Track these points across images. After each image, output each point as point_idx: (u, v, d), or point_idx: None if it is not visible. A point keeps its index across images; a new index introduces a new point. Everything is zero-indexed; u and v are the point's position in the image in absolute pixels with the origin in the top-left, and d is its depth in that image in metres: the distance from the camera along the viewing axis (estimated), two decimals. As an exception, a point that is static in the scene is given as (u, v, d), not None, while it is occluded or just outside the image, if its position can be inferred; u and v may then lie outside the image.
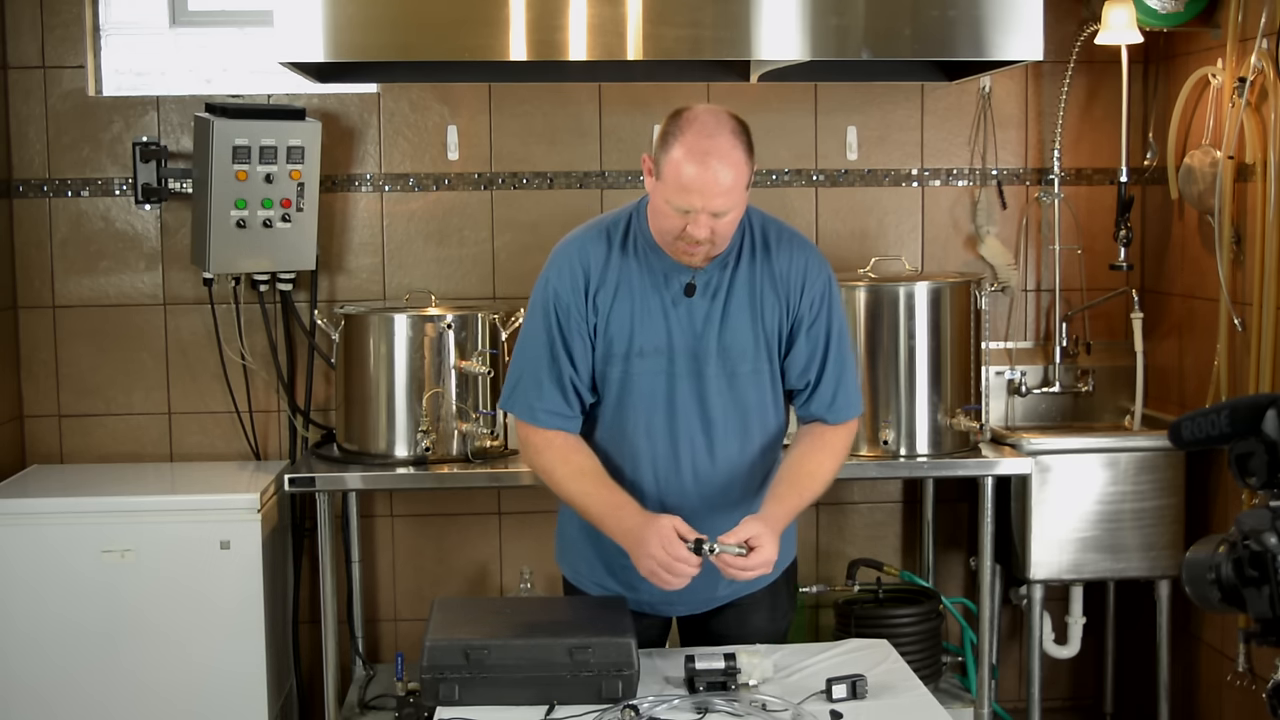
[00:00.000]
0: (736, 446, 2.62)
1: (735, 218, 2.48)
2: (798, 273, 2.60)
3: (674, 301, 2.56)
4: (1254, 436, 1.54)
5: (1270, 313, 3.55)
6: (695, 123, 2.45)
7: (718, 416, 2.59)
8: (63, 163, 4.09)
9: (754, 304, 2.58)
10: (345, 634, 4.08)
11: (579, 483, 2.58)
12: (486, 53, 3.38)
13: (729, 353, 2.57)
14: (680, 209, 2.43)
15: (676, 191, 2.42)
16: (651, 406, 2.58)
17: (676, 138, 2.44)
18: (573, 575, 2.80)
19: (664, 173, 2.45)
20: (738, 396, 2.59)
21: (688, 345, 2.57)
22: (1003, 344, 4.33)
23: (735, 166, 2.43)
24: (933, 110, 4.29)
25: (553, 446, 2.61)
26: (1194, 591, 1.58)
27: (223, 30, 4.24)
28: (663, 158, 2.45)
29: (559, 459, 2.60)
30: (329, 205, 4.13)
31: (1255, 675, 3.72)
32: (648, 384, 2.58)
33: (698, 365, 2.57)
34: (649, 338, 2.56)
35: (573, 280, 2.57)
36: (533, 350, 2.61)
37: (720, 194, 2.41)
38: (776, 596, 2.78)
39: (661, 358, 2.57)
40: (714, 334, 2.57)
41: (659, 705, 2.32)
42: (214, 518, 3.68)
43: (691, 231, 2.43)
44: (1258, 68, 3.58)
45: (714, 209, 2.42)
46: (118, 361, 4.15)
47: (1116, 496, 3.89)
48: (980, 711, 3.84)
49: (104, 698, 3.66)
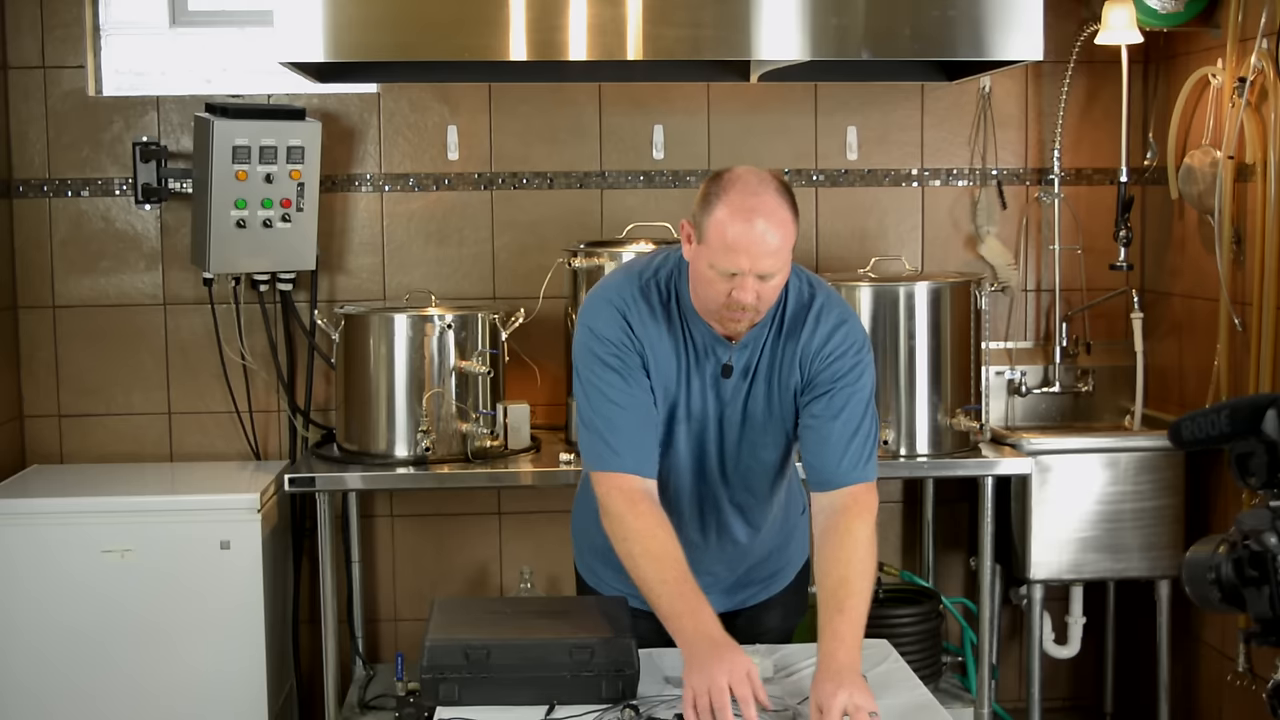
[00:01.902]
0: (755, 496, 2.59)
1: (781, 282, 2.35)
2: (818, 346, 2.47)
3: (712, 381, 2.48)
4: (1254, 436, 1.54)
5: (1270, 313, 3.55)
6: (739, 182, 2.32)
7: (737, 475, 2.55)
8: (63, 163, 4.09)
9: (779, 374, 2.48)
10: (345, 634, 4.08)
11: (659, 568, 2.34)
12: (486, 53, 3.38)
13: (754, 422, 2.51)
14: (726, 272, 2.30)
15: (722, 253, 2.29)
16: (676, 460, 2.53)
17: (719, 197, 2.31)
18: (593, 579, 2.76)
19: (707, 235, 2.31)
20: (760, 459, 2.55)
21: (718, 414, 2.50)
22: (1003, 344, 4.33)
23: (782, 225, 2.30)
24: (933, 110, 4.29)
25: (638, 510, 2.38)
26: (1194, 591, 1.58)
27: (223, 30, 4.24)
28: (705, 220, 2.31)
29: (645, 529, 2.37)
30: (329, 205, 4.13)
31: (1255, 675, 3.72)
32: (675, 442, 2.51)
33: (721, 430, 2.51)
34: (682, 403, 2.48)
35: (618, 323, 2.43)
36: (595, 404, 2.42)
37: (768, 254, 2.28)
38: (789, 599, 2.78)
39: (692, 421, 2.50)
40: (741, 404, 2.50)
41: (659, 705, 2.32)
42: (214, 518, 3.68)
43: (738, 297, 2.30)
44: (1258, 68, 3.58)
45: (761, 270, 2.29)
46: (118, 361, 4.15)
47: (1116, 496, 3.89)
48: (980, 711, 3.84)
49: (104, 697, 3.66)
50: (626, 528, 2.37)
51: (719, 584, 2.63)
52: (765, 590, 2.75)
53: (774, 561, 2.72)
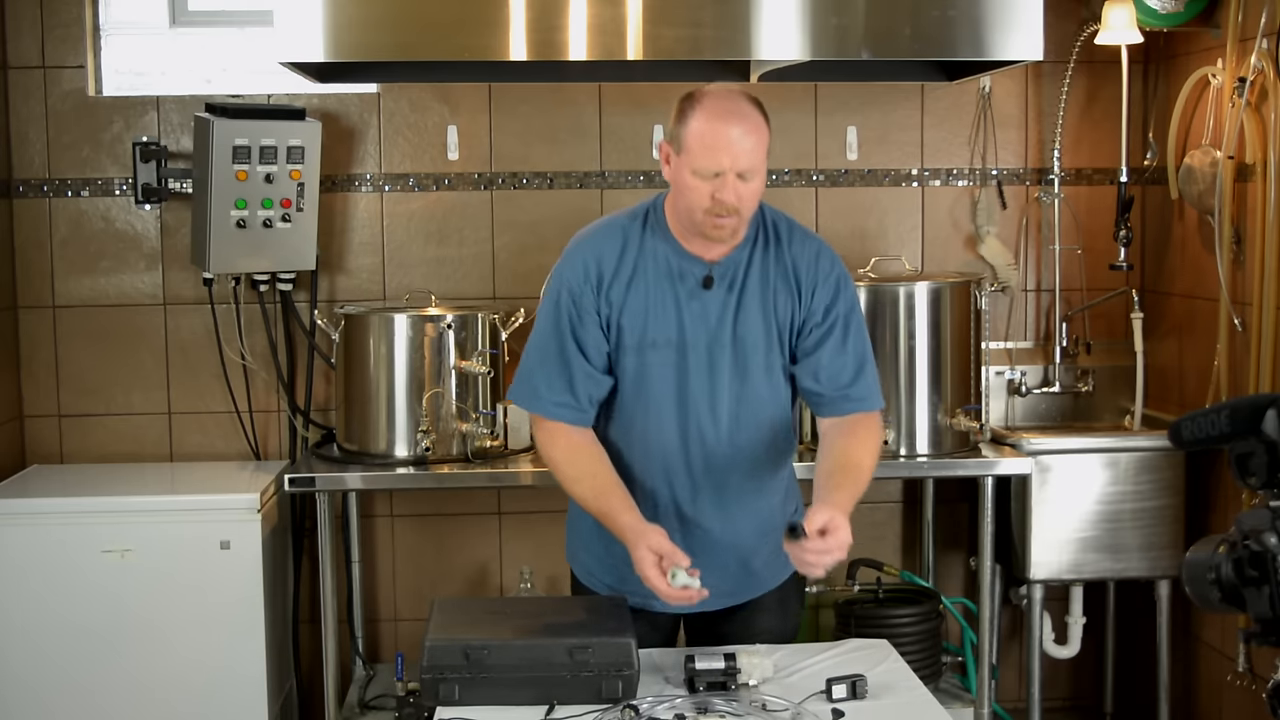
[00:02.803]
0: (747, 441, 2.62)
1: (759, 187, 2.48)
2: (808, 265, 2.60)
3: (690, 295, 2.56)
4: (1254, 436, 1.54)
5: (1270, 313, 3.55)
6: (711, 93, 2.49)
7: (728, 408, 2.59)
8: (63, 163, 4.09)
9: (766, 295, 2.58)
10: (345, 634, 4.08)
11: (580, 485, 2.58)
12: (486, 53, 3.38)
13: (743, 345, 2.58)
14: (708, 173, 2.43)
15: (703, 155, 2.43)
16: (663, 397, 2.58)
17: (695, 109, 2.46)
18: (584, 575, 2.78)
19: (687, 143, 2.45)
20: (749, 389, 2.59)
21: (701, 338, 2.57)
22: (1003, 344, 4.33)
23: (758, 127, 2.46)
24: (933, 110, 4.29)
25: (556, 444, 2.61)
26: (1194, 591, 1.58)
27: (223, 30, 4.24)
28: (682, 131, 2.47)
29: (564, 458, 2.60)
30: (329, 205, 4.13)
31: (1255, 675, 3.72)
32: (659, 375, 2.58)
33: (710, 357, 2.57)
34: (661, 330, 2.56)
35: (585, 272, 2.57)
36: (542, 342, 2.61)
37: (746, 152, 2.43)
38: (787, 597, 2.78)
39: (672, 350, 2.57)
40: (729, 327, 2.57)
41: (659, 705, 2.32)
42: (214, 518, 3.68)
43: (721, 197, 2.43)
44: (1258, 68, 3.58)
45: (741, 168, 2.43)
46: (118, 361, 4.15)
47: (1116, 496, 3.89)
48: (980, 711, 3.84)
49: (104, 698, 3.66)
50: (552, 454, 2.61)
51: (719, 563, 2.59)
52: (765, 579, 2.72)
53: (749, 492, 2.67)
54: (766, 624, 2.74)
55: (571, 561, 2.84)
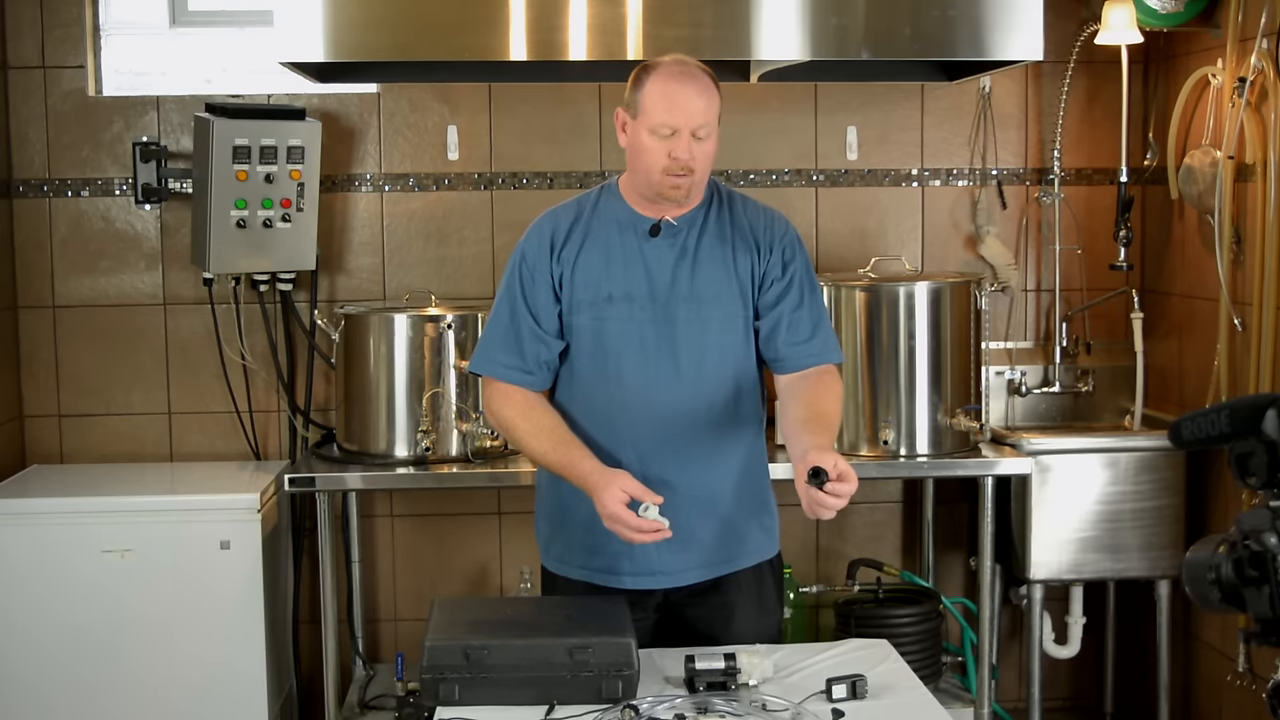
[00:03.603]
0: (709, 392, 2.63)
1: (712, 149, 2.58)
2: (765, 224, 2.69)
3: (640, 245, 2.63)
4: (1254, 436, 1.54)
5: (1270, 313, 3.55)
6: (664, 63, 2.59)
7: (689, 362, 2.61)
8: (63, 163, 4.09)
9: (726, 249, 2.65)
10: (345, 634, 4.08)
11: (538, 439, 2.60)
12: (486, 53, 3.39)
13: (701, 297, 2.62)
14: (665, 130, 2.53)
15: (658, 114, 2.53)
16: (621, 354, 2.62)
17: (650, 75, 2.57)
18: (557, 565, 2.77)
19: (643, 106, 2.56)
20: (710, 341, 2.63)
21: (657, 291, 2.61)
22: (1003, 344, 4.33)
23: (709, 89, 2.57)
24: (933, 110, 4.29)
25: (511, 401, 2.65)
26: (1194, 591, 1.58)
27: (223, 30, 4.24)
28: (638, 96, 2.57)
29: (519, 414, 2.64)
30: (329, 205, 4.13)
31: (1255, 675, 3.72)
32: (616, 331, 2.62)
33: (668, 311, 2.61)
34: (616, 284, 2.62)
35: (539, 241, 2.67)
36: (496, 310, 2.69)
37: (700, 110, 2.53)
38: (763, 586, 2.76)
39: (630, 304, 2.61)
40: (685, 278, 2.62)
41: (659, 705, 2.32)
42: (214, 518, 3.68)
43: (676, 155, 2.52)
44: (1258, 68, 3.58)
45: (695, 124, 2.53)
46: (118, 361, 4.15)
47: (1116, 496, 3.89)
48: (980, 711, 3.84)
49: (104, 697, 3.66)
50: (505, 414, 2.64)
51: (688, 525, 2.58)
52: (738, 553, 2.71)
53: (713, 446, 2.67)
54: (746, 616, 2.72)
55: (545, 558, 2.81)
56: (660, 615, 2.74)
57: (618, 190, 2.70)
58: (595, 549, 2.68)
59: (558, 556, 2.77)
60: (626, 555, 2.64)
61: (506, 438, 2.70)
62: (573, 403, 2.68)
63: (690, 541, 2.63)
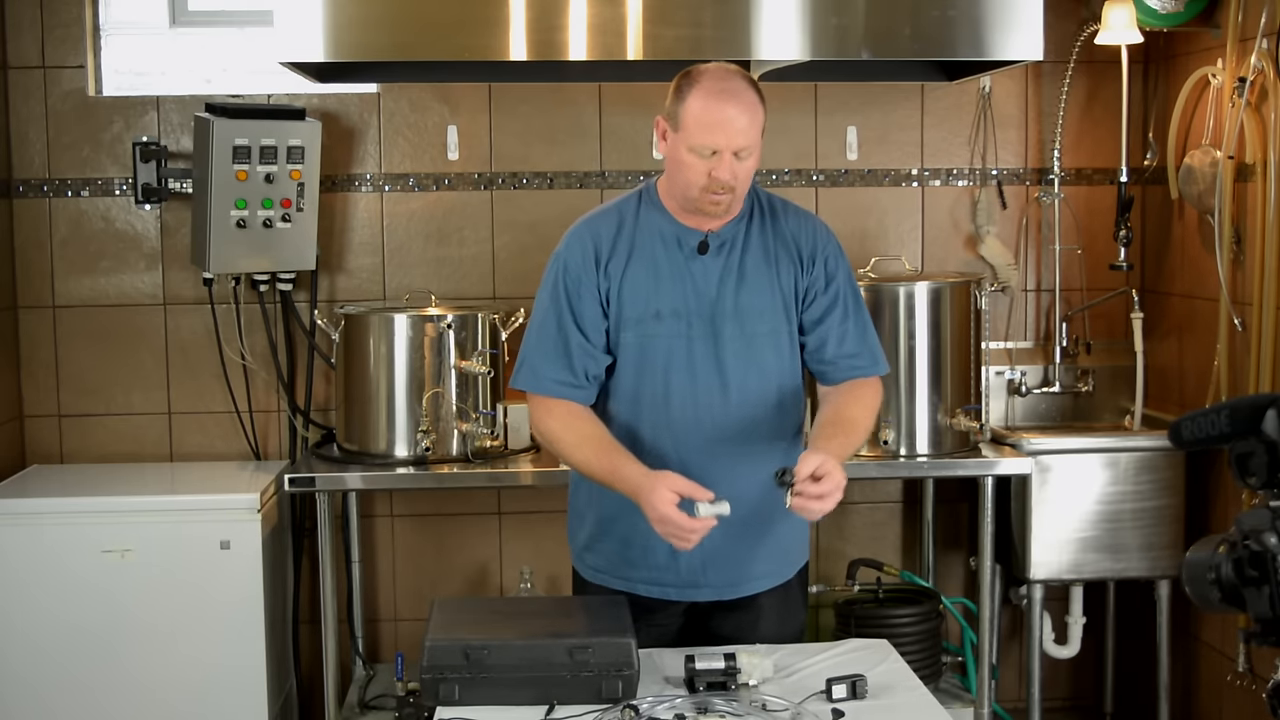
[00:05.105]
0: (755, 409, 2.61)
1: (754, 165, 2.54)
2: (808, 235, 2.65)
3: (688, 262, 2.59)
4: (1254, 436, 1.54)
5: (1270, 313, 3.55)
6: (708, 72, 2.52)
7: (735, 378, 2.59)
8: (63, 163, 4.09)
9: (770, 263, 2.61)
10: (345, 634, 4.08)
11: (580, 450, 2.57)
12: (486, 53, 3.38)
13: (746, 313, 2.59)
14: (705, 150, 2.48)
15: (699, 133, 2.47)
16: (669, 370, 2.59)
17: (692, 87, 2.50)
18: (591, 574, 2.75)
19: (684, 121, 2.50)
20: (755, 358, 2.60)
21: (704, 308, 2.58)
22: (1003, 344, 4.33)
23: (753, 107, 2.51)
24: (933, 110, 4.29)
25: (554, 414, 2.61)
26: (1194, 591, 1.58)
27: (223, 30, 4.24)
28: (680, 109, 2.50)
29: (563, 426, 2.60)
30: (329, 205, 4.13)
31: (1255, 675, 3.72)
32: (664, 348, 2.59)
33: (714, 327, 2.59)
34: (665, 300, 2.58)
35: (583, 253, 2.61)
36: (540, 323, 2.63)
37: (741, 131, 2.47)
38: (790, 596, 2.77)
39: (679, 321, 2.58)
40: (730, 294, 2.59)
41: (659, 705, 2.32)
42: (214, 518, 3.68)
43: (717, 175, 2.48)
44: (1258, 68, 3.58)
45: (737, 146, 2.48)
46: (118, 361, 4.15)
47: (1116, 496, 3.89)
48: (980, 711, 3.84)
49: (104, 697, 3.66)
50: (549, 426, 2.61)
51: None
52: (767, 577, 2.71)
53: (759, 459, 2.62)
54: (769, 625, 2.72)
55: (578, 564, 2.80)
56: (685, 620, 2.74)
57: (657, 197, 2.64)
58: (636, 561, 2.65)
59: (593, 565, 2.76)
60: (671, 569, 2.62)
61: (552, 452, 2.66)
62: (615, 419, 2.64)
63: (734, 557, 2.62)
